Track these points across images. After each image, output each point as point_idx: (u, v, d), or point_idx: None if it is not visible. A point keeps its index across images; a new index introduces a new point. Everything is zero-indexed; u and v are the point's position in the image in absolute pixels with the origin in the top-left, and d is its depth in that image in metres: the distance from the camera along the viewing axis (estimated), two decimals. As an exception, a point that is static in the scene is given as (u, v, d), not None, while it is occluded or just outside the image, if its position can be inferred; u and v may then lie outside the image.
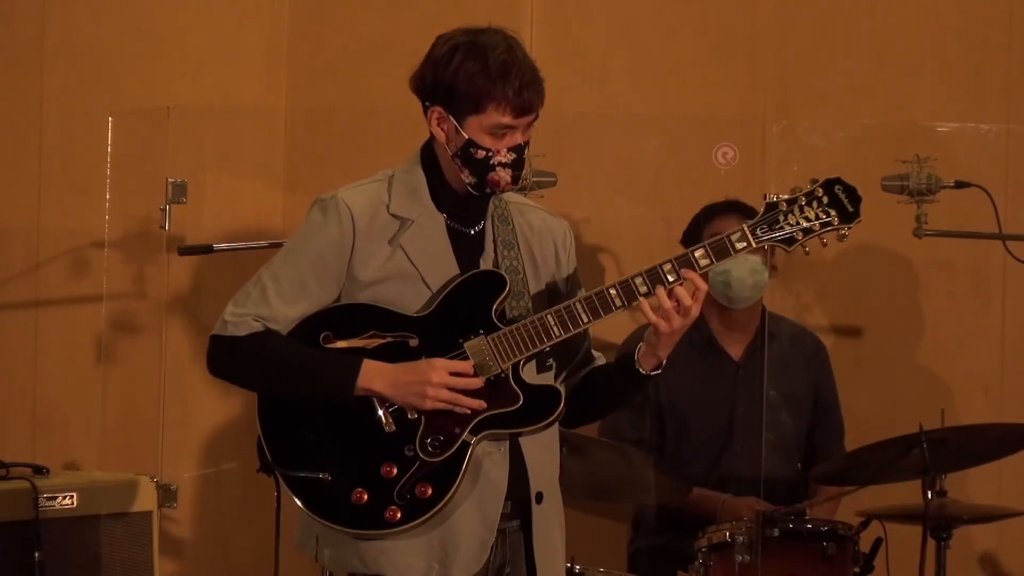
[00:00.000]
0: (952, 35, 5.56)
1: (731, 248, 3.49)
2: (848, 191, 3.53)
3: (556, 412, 3.51)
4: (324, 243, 3.52)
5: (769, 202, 3.52)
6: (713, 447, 5.10)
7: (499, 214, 3.62)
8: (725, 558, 4.55)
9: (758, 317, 5.14)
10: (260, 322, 3.50)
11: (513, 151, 3.51)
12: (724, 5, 5.63)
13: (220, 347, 3.54)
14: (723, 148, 5.47)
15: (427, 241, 3.54)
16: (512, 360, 3.49)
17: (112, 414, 5.46)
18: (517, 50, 3.52)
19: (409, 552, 3.48)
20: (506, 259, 3.58)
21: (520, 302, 3.55)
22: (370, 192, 3.58)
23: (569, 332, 3.49)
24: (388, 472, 3.46)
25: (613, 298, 3.48)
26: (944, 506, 4.70)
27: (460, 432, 3.47)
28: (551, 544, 3.61)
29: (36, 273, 5.48)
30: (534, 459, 3.55)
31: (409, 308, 3.52)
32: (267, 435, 3.52)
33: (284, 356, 3.50)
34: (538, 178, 5.01)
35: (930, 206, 4.95)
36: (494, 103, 3.47)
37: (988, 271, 5.48)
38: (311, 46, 5.69)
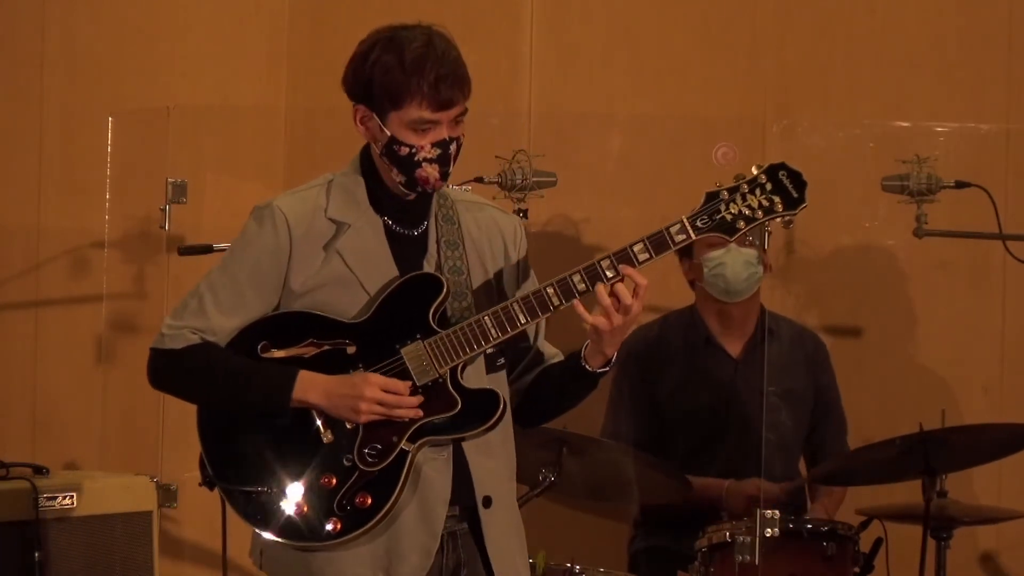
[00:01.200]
0: (952, 35, 5.57)
1: (670, 241, 3.43)
2: (792, 176, 3.43)
3: (495, 416, 3.44)
4: (260, 252, 3.48)
5: (709, 192, 3.45)
6: (712, 445, 5.10)
7: (444, 214, 3.57)
8: (725, 558, 4.54)
9: (755, 315, 5.13)
10: (197, 334, 3.47)
11: (437, 146, 3.44)
12: (724, 5, 5.63)
13: (157, 360, 3.50)
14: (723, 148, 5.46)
15: (364, 245, 3.49)
16: (450, 364, 3.43)
17: (112, 414, 5.46)
18: (437, 42, 3.44)
19: (355, 561, 3.43)
20: (449, 259, 3.53)
21: (462, 303, 3.50)
22: (308, 198, 3.53)
23: (507, 334, 3.43)
24: (327, 483, 3.42)
25: (551, 297, 3.42)
26: (944, 507, 4.70)
27: (398, 440, 3.42)
28: (508, 548, 3.55)
29: (36, 273, 5.48)
30: (478, 464, 3.49)
31: (347, 314, 3.46)
32: (207, 449, 3.49)
33: (220, 368, 3.46)
34: (538, 178, 5.00)
35: (930, 206, 4.95)
36: (410, 97, 3.41)
37: (988, 271, 5.48)
38: (311, 46, 5.69)
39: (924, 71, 5.58)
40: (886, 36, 5.59)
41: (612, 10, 5.64)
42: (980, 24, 5.56)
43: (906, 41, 5.59)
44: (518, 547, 3.59)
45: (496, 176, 4.94)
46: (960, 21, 5.56)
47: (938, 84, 5.57)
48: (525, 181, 4.96)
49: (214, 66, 5.63)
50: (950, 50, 5.57)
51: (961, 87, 5.56)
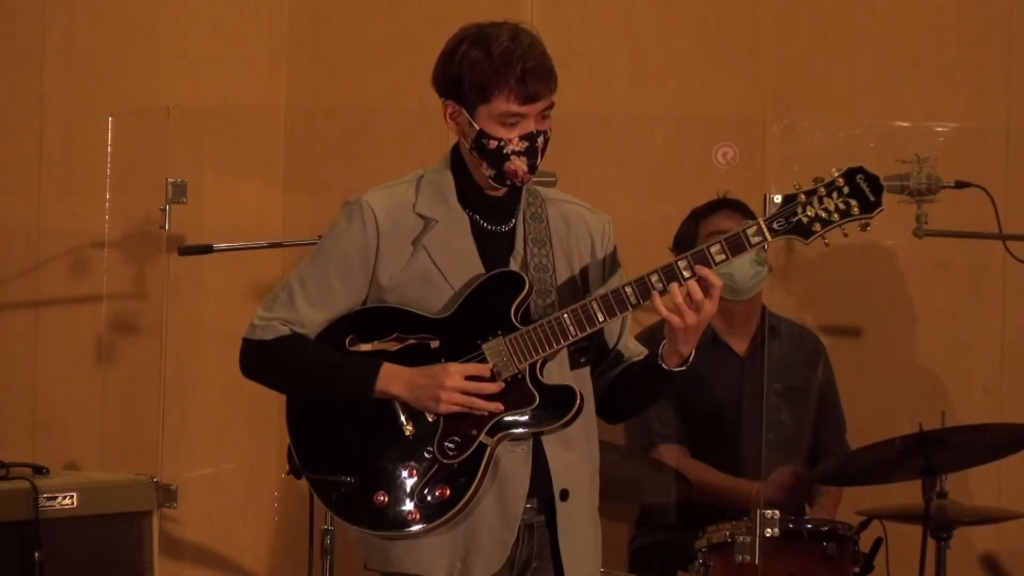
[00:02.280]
0: (952, 35, 5.56)
1: (747, 242, 3.46)
2: (870, 180, 3.48)
3: (572, 411, 3.50)
4: (349, 246, 3.55)
5: (787, 195, 3.49)
6: (719, 442, 5.11)
7: (532, 211, 3.63)
8: (725, 558, 4.55)
9: (759, 314, 5.14)
10: (287, 326, 3.55)
11: (525, 139, 3.52)
12: (724, 5, 5.63)
13: (249, 351, 3.59)
14: (723, 148, 5.47)
15: (451, 241, 3.56)
16: (529, 360, 3.49)
17: (112, 414, 5.46)
18: (523, 37, 3.52)
19: (434, 550, 3.51)
20: (535, 256, 3.58)
21: (546, 300, 3.55)
22: (397, 193, 3.59)
23: (585, 331, 3.49)
24: (409, 474, 3.50)
25: (628, 296, 3.47)
26: (944, 508, 4.70)
27: (477, 434, 3.49)
28: (582, 542, 3.62)
29: (36, 273, 5.48)
30: (557, 457, 3.55)
31: (432, 309, 3.53)
32: (295, 440, 3.58)
33: (307, 359, 3.55)
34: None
35: (930, 206, 4.95)
36: (499, 90, 3.48)
37: (988, 271, 5.48)
38: (311, 46, 5.69)
39: (924, 71, 5.57)
40: (886, 36, 5.59)
41: (612, 10, 5.64)
42: (980, 24, 5.56)
43: (906, 41, 5.59)
44: (592, 542, 3.67)
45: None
46: (960, 21, 5.56)
47: (938, 84, 5.57)
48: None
49: (214, 66, 5.63)
50: (950, 50, 5.57)
51: (961, 87, 5.56)
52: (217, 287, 5.53)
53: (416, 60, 5.64)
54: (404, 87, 5.54)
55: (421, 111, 5.52)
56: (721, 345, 5.14)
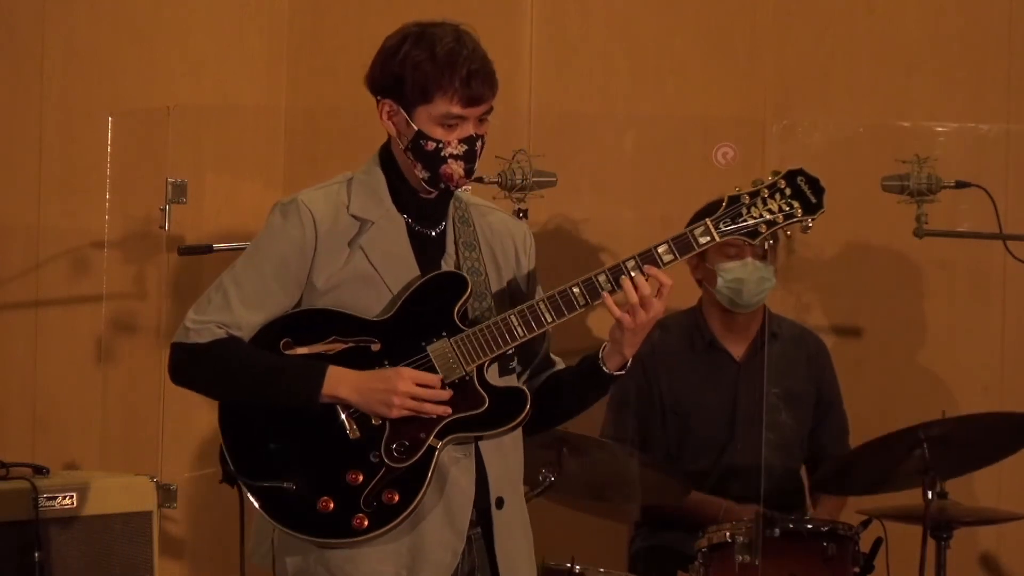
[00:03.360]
0: (952, 35, 5.57)
1: (694, 243, 3.46)
2: (811, 182, 3.49)
3: (523, 413, 3.47)
4: (286, 246, 3.48)
5: (731, 195, 3.50)
6: (715, 446, 5.10)
7: (459, 215, 3.59)
8: (725, 558, 4.55)
9: (760, 318, 5.14)
10: (223, 328, 3.46)
11: (464, 143, 3.47)
12: (724, 5, 5.63)
13: (182, 355, 3.50)
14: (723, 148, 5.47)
15: (387, 243, 3.51)
16: (476, 362, 3.45)
17: (112, 414, 5.46)
18: (467, 40, 3.47)
19: (377, 559, 3.44)
20: (467, 260, 3.55)
21: (482, 303, 3.52)
22: (330, 194, 3.54)
23: (533, 332, 3.46)
24: (354, 479, 3.43)
25: (576, 296, 3.45)
26: (944, 508, 4.70)
27: (426, 437, 3.44)
28: (516, 548, 3.57)
29: (36, 273, 5.48)
30: (493, 464, 3.51)
31: (370, 312, 3.48)
32: (229, 444, 3.49)
33: (248, 363, 3.46)
34: (538, 178, 5.00)
35: (930, 206, 4.95)
36: (442, 92, 3.43)
37: (988, 271, 5.49)
38: (311, 46, 5.69)
39: (924, 71, 5.58)
40: (886, 36, 5.59)
41: (612, 10, 5.64)
42: (980, 24, 5.56)
43: (906, 41, 5.59)
44: (526, 549, 3.60)
45: (496, 176, 4.94)
46: (960, 21, 5.56)
47: (938, 84, 5.57)
48: (525, 181, 4.96)
49: (214, 66, 5.63)
50: (950, 50, 5.57)
51: (961, 87, 5.56)
52: (217, 287, 5.52)
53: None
54: (404, 87, 5.53)
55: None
56: (718, 350, 5.14)
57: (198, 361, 3.48)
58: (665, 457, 5.07)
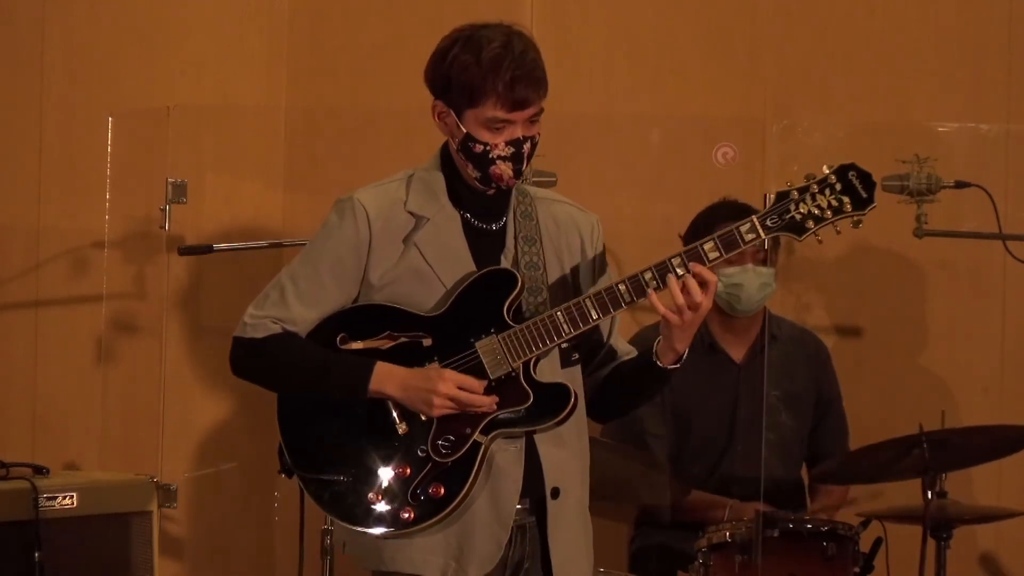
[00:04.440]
0: (952, 35, 5.56)
1: (740, 240, 3.48)
2: (862, 177, 3.50)
3: (566, 410, 3.50)
4: (341, 244, 3.55)
5: (780, 191, 3.50)
6: (715, 449, 5.10)
7: (522, 210, 3.63)
8: (725, 558, 4.55)
9: (760, 320, 5.13)
10: (278, 324, 3.55)
11: (511, 144, 3.50)
12: (724, 5, 5.63)
13: (240, 349, 3.60)
14: (723, 148, 5.47)
15: (442, 239, 3.56)
16: (523, 358, 3.50)
17: (112, 414, 5.46)
18: (515, 43, 3.50)
19: (427, 549, 3.51)
20: (526, 255, 3.59)
21: (538, 299, 3.55)
22: (388, 191, 3.59)
23: (579, 329, 3.49)
24: (402, 473, 3.50)
25: (622, 293, 3.48)
26: (944, 507, 4.70)
27: (471, 432, 3.49)
28: (572, 541, 3.60)
29: (36, 273, 5.48)
30: (549, 455, 3.55)
31: (424, 307, 3.53)
32: (286, 438, 3.58)
33: (300, 358, 3.55)
34: (538, 178, 5.00)
35: (930, 206, 4.95)
36: (487, 97, 3.47)
37: (988, 271, 5.48)
38: (311, 46, 5.69)
39: (924, 71, 5.57)
40: (886, 36, 5.59)
41: (612, 10, 5.64)
42: (980, 24, 5.56)
43: (906, 41, 5.58)
44: (584, 542, 3.64)
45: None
46: (960, 21, 5.56)
47: (938, 84, 5.57)
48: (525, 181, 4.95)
49: (214, 66, 5.63)
50: (950, 50, 5.57)
51: (961, 87, 5.56)
52: (217, 287, 5.53)
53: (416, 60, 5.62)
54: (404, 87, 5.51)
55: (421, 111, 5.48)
56: (718, 352, 5.14)
57: (254, 355, 3.58)
58: (665, 459, 5.07)
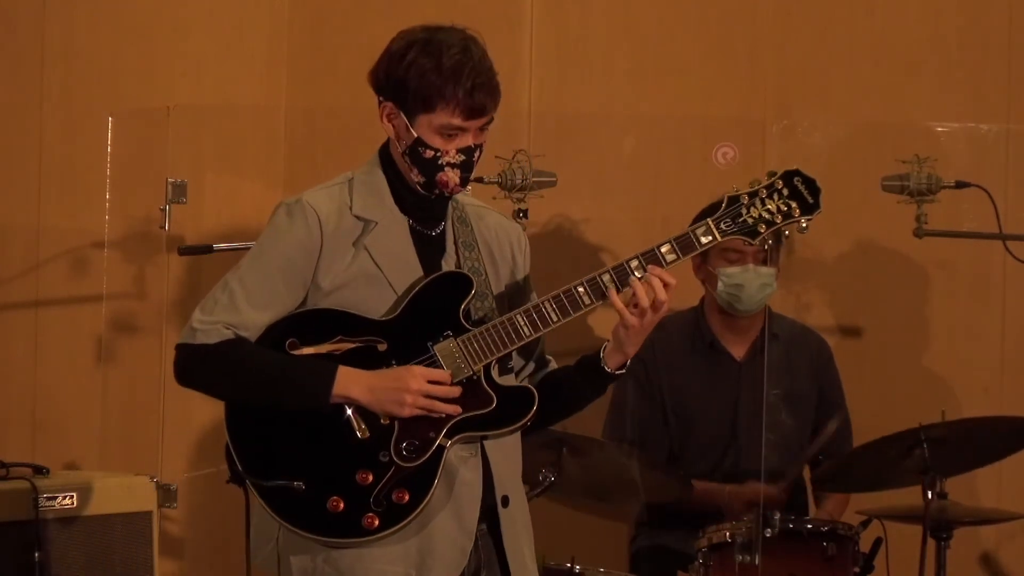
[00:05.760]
0: (952, 35, 5.57)
1: (696, 242, 3.49)
2: (807, 182, 3.52)
3: (531, 412, 3.48)
4: (292, 246, 3.48)
5: (731, 195, 3.52)
6: (717, 447, 5.10)
7: (458, 215, 3.60)
8: (725, 558, 4.55)
9: (761, 318, 5.13)
10: (230, 329, 3.45)
11: (462, 152, 3.48)
12: (724, 5, 5.63)
13: (189, 356, 3.50)
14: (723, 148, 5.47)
15: (391, 243, 3.51)
16: (483, 362, 3.46)
17: (112, 414, 5.46)
18: (474, 50, 3.47)
19: (385, 559, 3.44)
20: (467, 260, 3.56)
21: (484, 303, 3.53)
22: (333, 194, 3.54)
23: (539, 331, 3.48)
24: (363, 479, 3.42)
25: (581, 296, 3.46)
26: (944, 508, 4.70)
27: (435, 436, 3.44)
28: (519, 546, 3.57)
29: (36, 273, 5.48)
30: (497, 462, 3.52)
31: (374, 312, 3.48)
32: (236, 444, 3.49)
33: (256, 364, 3.46)
34: (538, 178, 5.00)
35: (930, 206, 4.95)
36: (444, 103, 3.44)
37: (988, 271, 5.49)
38: (311, 46, 5.69)
39: (924, 71, 5.58)
40: (886, 36, 5.59)
41: (612, 10, 5.64)
42: (980, 24, 5.56)
43: (906, 41, 5.59)
44: (529, 546, 3.62)
45: (496, 176, 4.94)
46: (960, 21, 5.57)
47: (938, 84, 5.57)
48: (525, 181, 4.96)
49: (214, 66, 5.63)
50: (950, 50, 5.57)
51: (961, 87, 5.56)
52: (217, 287, 5.52)
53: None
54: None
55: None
56: (719, 351, 5.14)
57: (206, 362, 3.48)
58: (666, 458, 5.07)
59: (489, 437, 3.49)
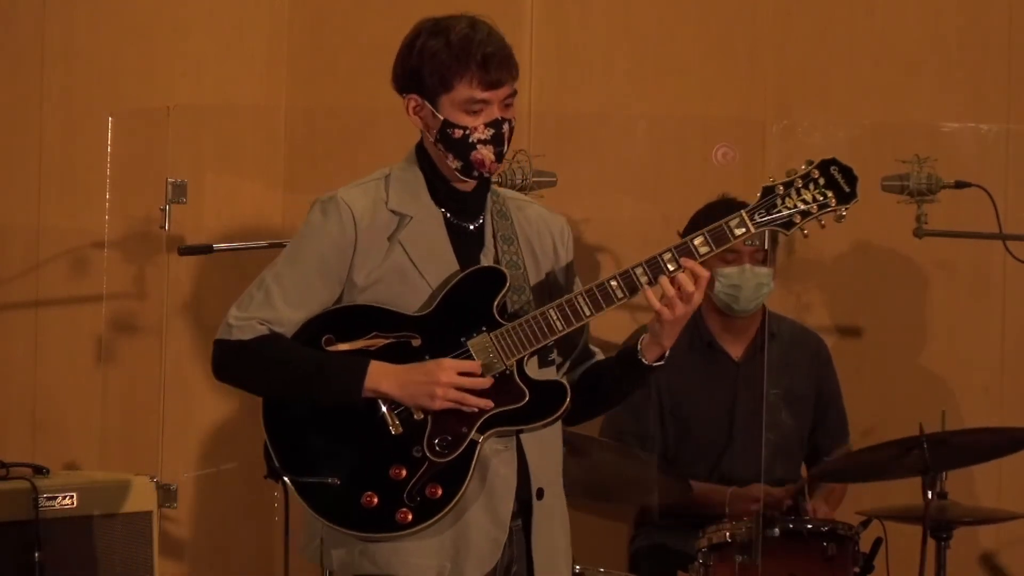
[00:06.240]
0: (952, 35, 5.57)
1: (730, 234, 3.48)
2: (844, 171, 3.53)
3: (563, 407, 3.50)
4: (326, 244, 3.52)
5: (766, 186, 3.51)
6: (714, 447, 5.10)
7: (497, 209, 3.61)
8: (725, 558, 4.55)
9: (759, 318, 5.13)
10: (265, 325, 3.50)
11: (491, 126, 3.49)
12: (724, 5, 5.63)
13: (226, 352, 3.53)
14: (723, 148, 5.47)
15: (426, 237, 3.54)
16: (516, 356, 3.48)
17: (112, 414, 5.46)
18: (481, 26, 3.49)
19: (421, 552, 3.48)
20: (506, 254, 3.57)
21: (521, 297, 3.54)
22: (369, 190, 3.57)
23: (572, 325, 3.49)
24: (397, 474, 3.47)
25: (614, 290, 3.48)
26: (944, 508, 4.70)
27: (468, 431, 3.47)
28: (551, 541, 3.59)
29: (36, 273, 5.48)
30: (534, 455, 3.54)
31: (409, 307, 3.51)
32: (273, 441, 3.52)
33: (290, 359, 3.50)
34: (538, 178, 5.00)
35: (930, 206, 4.95)
36: (459, 77, 3.46)
37: (988, 271, 5.49)
38: (311, 46, 5.69)
39: (924, 71, 5.57)
40: (886, 36, 5.59)
41: (612, 10, 5.64)
42: (980, 24, 5.56)
43: (906, 41, 5.59)
44: (563, 541, 3.63)
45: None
46: (960, 21, 5.57)
47: (938, 84, 5.57)
48: (525, 181, 4.96)
49: (214, 66, 5.63)
50: (950, 50, 5.57)
51: (961, 87, 5.56)
52: (217, 287, 5.53)
53: (416, 60, 5.63)
54: (404, 87, 5.53)
55: (421, 111, 5.52)
56: (717, 350, 5.14)
57: (240, 358, 3.52)
58: (664, 458, 5.07)
59: (523, 431, 3.51)
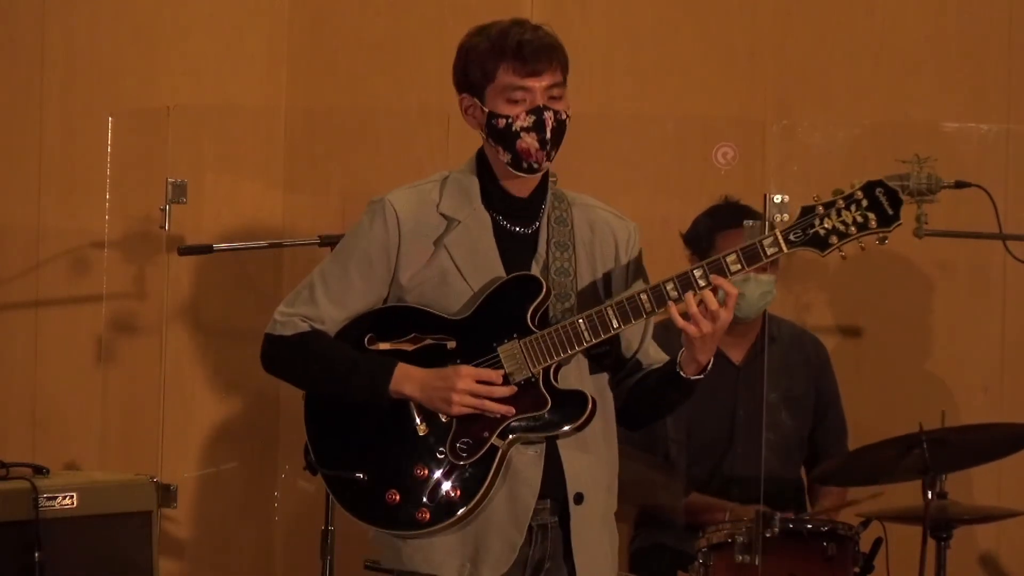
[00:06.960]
0: (952, 35, 5.56)
1: (763, 253, 3.48)
2: (889, 194, 3.52)
3: (584, 417, 3.52)
4: (370, 245, 3.58)
5: (805, 206, 3.50)
6: (715, 451, 5.10)
7: (557, 215, 3.65)
8: (725, 558, 4.55)
9: (759, 322, 5.12)
10: (307, 322, 3.59)
11: (532, 114, 3.53)
12: (724, 5, 5.63)
13: (270, 345, 3.64)
14: (723, 148, 5.47)
15: (472, 241, 3.58)
16: (542, 364, 3.52)
17: (112, 414, 5.46)
18: (524, 22, 3.57)
19: (444, 550, 3.54)
20: (557, 260, 3.60)
21: (565, 305, 3.57)
22: (422, 192, 3.62)
23: (599, 337, 3.51)
24: (420, 474, 3.53)
25: (644, 303, 3.49)
26: (944, 507, 4.70)
27: (488, 436, 3.52)
28: (595, 546, 3.62)
29: (36, 273, 5.48)
30: (572, 461, 3.57)
31: (451, 309, 3.56)
32: (312, 436, 3.62)
33: (325, 356, 3.59)
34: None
35: (930, 206, 4.94)
36: (497, 64, 3.51)
37: (988, 271, 5.48)
38: (311, 46, 5.69)
39: (924, 71, 5.57)
40: (886, 36, 5.59)
41: (612, 10, 5.64)
42: (980, 24, 5.56)
43: (906, 41, 5.58)
44: (607, 547, 3.66)
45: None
46: (960, 21, 5.56)
47: (938, 84, 5.57)
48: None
49: (214, 66, 5.63)
50: (950, 50, 5.56)
51: (961, 87, 5.56)
52: (217, 287, 5.53)
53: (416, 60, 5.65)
54: (404, 87, 5.54)
55: (421, 111, 5.52)
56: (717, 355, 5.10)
57: (282, 352, 3.62)
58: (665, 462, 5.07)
59: (545, 439, 3.54)
